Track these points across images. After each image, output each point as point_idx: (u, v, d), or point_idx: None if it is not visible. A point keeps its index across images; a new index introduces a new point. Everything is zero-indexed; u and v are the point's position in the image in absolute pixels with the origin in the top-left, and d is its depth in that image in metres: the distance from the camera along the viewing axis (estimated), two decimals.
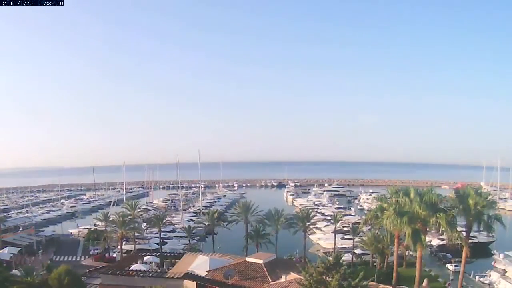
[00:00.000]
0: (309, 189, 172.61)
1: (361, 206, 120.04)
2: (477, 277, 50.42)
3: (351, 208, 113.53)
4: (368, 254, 56.40)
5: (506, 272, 49.01)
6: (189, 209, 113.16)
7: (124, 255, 59.44)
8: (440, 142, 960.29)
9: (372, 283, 29.42)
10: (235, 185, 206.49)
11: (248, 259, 38.06)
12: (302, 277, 26.88)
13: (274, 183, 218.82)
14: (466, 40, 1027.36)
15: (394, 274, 39.66)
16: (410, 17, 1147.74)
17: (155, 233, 72.25)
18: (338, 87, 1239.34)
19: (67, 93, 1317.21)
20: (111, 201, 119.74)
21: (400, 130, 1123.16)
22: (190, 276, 36.58)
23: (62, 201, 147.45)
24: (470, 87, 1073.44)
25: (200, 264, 39.29)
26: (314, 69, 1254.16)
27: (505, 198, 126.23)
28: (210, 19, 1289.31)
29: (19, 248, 65.58)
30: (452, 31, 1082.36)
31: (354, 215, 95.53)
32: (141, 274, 39.55)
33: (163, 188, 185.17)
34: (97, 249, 66.97)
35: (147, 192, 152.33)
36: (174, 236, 76.08)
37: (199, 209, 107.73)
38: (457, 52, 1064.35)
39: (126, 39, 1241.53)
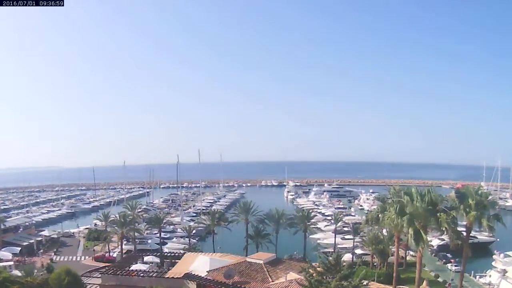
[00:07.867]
0: (309, 189, 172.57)
1: (361, 206, 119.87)
2: (477, 277, 50.32)
3: (351, 208, 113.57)
4: (368, 254, 56.30)
5: (506, 272, 48.88)
6: (189, 209, 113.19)
7: (124, 255, 59.42)
8: (441, 142, 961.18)
9: (372, 283, 29.39)
10: (235, 185, 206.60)
11: (248, 259, 38.02)
12: (302, 277, 26.84)
13: (274, 183, 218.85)
14: (465, 36, 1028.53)
15: (394, 275, 39.65)
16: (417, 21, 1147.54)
17: (155, 233, 72.27)
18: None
19: (68, 93, 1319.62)
20: (111, 201, 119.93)
21: (400, 131, 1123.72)
22: (190, 276, 36.50)
23: (62, 201, 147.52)
24: (470, 87, 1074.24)
25: (200, 264, 39.20)
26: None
27: (505, 198, 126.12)
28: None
29: (19, 248, 65.56)
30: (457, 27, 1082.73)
31: (354, 215, 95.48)
32: (141, 274, 39.50)
33: (163, 188, 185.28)
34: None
35: (147, 192, 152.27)
36: (174, 236, 76.14)
37: (199, 209, 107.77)
38: (455, 49, 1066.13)
39: (128, 40, 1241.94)
